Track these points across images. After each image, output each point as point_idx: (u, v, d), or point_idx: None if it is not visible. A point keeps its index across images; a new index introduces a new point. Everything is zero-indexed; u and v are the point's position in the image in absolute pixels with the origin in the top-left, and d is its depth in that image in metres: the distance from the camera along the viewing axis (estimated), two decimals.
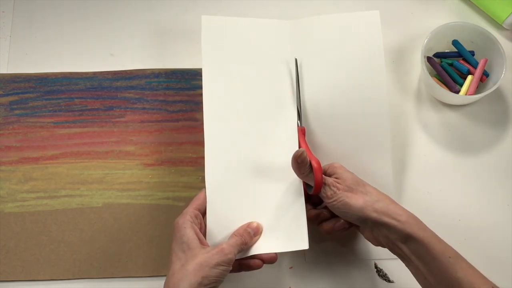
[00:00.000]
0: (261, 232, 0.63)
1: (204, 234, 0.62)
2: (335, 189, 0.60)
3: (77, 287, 0.68)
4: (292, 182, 0.64)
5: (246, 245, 0.61)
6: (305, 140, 0.67)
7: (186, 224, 0.59)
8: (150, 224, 0.71)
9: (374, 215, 0.59)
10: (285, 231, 0.62)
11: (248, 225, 0.62)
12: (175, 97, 0.77)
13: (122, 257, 0.69)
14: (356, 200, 0.60)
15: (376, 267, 0.69)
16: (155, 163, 0.73)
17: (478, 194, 0.73)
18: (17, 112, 0.76)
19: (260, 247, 0.62)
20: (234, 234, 0.61)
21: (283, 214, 0.63)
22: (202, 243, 0.59)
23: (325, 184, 0.61)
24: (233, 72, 0.68)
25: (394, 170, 0.70)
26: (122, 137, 0.75)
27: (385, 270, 0.69)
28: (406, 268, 0.60)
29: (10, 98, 0.76)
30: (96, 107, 0.76)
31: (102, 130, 0.75)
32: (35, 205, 0.71)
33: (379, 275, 0.69)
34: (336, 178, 0.62)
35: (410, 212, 0.60)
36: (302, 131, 0.67)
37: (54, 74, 0.77)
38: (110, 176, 0.73)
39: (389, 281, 0.69)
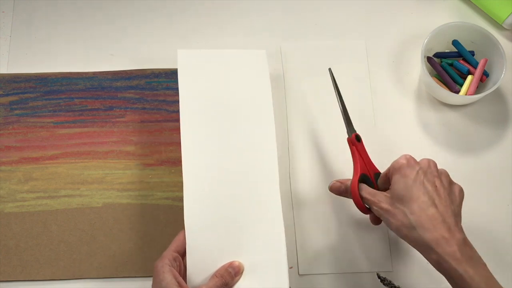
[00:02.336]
0: (242, 272, 0.61)
1: (184, 276, 0.61)
2: (376, 208, 0.59)
3: (77, 287, 0.68)
4: (274, 220, 0.63)
5: (227, 286, 0.60)
6: (356, 150, 0.65)
7: (164, 268, 0.58)
8: (150, 224, 0.71)
9: (407, 240, 0.56)
10: (266, 271, 0.61)
11: (230, 264, 0.61)
12: (175, 97, 0.76)
13: (122, 257, 0.69)
14: (393, 221, 0.56)
15: (379, 277, 0.69)
16: (155, 163, 0.73)
17: (478, 194, 0.73)
18: (17, 112, 0.75)
19: None
20: (215, 275, 0.60)
21: (264, 253, 0.62)
22: (182, 287, 0.58)
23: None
24: (211, 105, 0.67)
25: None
26: (122, 137, 0.75)
27: (389, 278, 0.69)
28: (408, 270, 0.60)
29: (10, 98, 0.76)
30: (96, 107, 0.76)
31: (102, 130, 0.75)
32: (35, 205, 0.71)
33: (384, 283, 0.68)
34: (389, 187, 0.60)
35: (461, 242, 0.54)
36: (351, 141, 0.66)
37: (54, 74, 0.77)
38: (110, 176, 0.73)
39: (395, 287, 0.68)
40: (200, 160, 0.65)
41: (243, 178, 0.64)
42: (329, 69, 0.71)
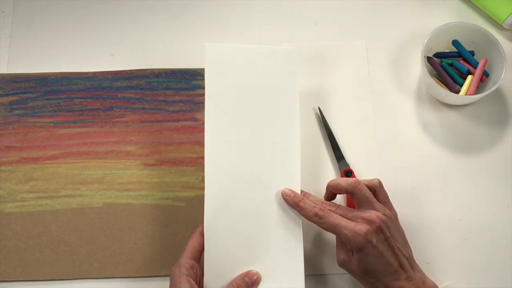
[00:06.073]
0: (259, 282, 0.61)
1: (200, 283, 0.60)
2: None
3: (77, 287, 0.68)
4: (293, 228, 0.62)
5: None
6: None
7: (181, 278, 0.58)
8: (150, 224, 0.71)
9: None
10: (283, 280, 0.61)
11: (246, 274, 0.60)
12: (175, 97, 0.77)
13: (122, 257, 0.69)
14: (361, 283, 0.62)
15: None
16: (155, 163, 0.73)
17: (478, 194, 0.73)
18: (17, 112, 0.76)
19: None
20: (232, 284, 0.59)
21: (282, 261, 0.61)
22: None
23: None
24: (236, 104, 0.64)
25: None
26: (122, 137, 0.75)
27: None
28: None
29: (10, 98, 0.76)
30: (96, 107, 0.76)
31: (102, 130, 0.75)
32: (35, 205, 0.71)
33: None
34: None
35: None
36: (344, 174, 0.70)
37: (54, 74, 0.78)
38: (110, 176, 0.73)
39: None
40: (223, 162, 0.62)
41: (264, 183, 0.63)
42: (318, 107, 0.74)
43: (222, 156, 0.63)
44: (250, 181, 0.62)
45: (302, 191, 0.63)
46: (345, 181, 0.63)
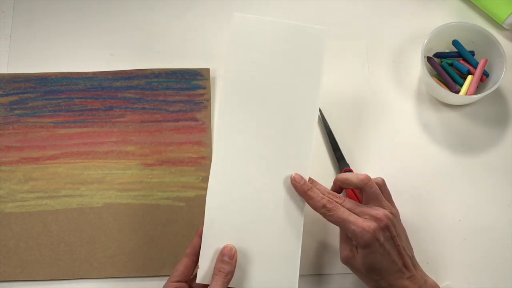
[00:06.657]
0: (235, 252, 0.59)
1: None
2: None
3: (77, 287, 0.68)
4: (293, 226, 0.61)
5: (230, 274, 0.58)
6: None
7: None
8: (150, 224, 0.71)
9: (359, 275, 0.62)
10: (277, 276, 0.60)
11: (221, 253, 0.58)
12: (175, 97, 0.77)
13: (122, 257, 0.69)
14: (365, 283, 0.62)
15: None
16: (155, 163, 0.73)
17: (478, 194, 0.73)
18: (17, 112, 0.76)
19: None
20: (214, 272, 0.58)
21: (279, 248, 0.61)
22: None
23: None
24: (256, 81, 0.62)
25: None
26: (122, 137, 0.75)
27: None
28: None
29: (10, 98, 0.76)
30: (96, 107, 0.76)
31: (102, 130, 0.75)
32: (35, 205, 0.71)
33: None
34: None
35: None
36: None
37: (54, 74, 0.78)
38: (110, 176, 0.73)
39: None
40: (233, 140, 0.61)
41: (272, 167, 0.61)
42: (319, 109, 0.73)
43: (233, 134, 0.61)
44: (258, 164, 0.61)
45: (310, 178, 0.61)
46: (356, 176, 0.62)
